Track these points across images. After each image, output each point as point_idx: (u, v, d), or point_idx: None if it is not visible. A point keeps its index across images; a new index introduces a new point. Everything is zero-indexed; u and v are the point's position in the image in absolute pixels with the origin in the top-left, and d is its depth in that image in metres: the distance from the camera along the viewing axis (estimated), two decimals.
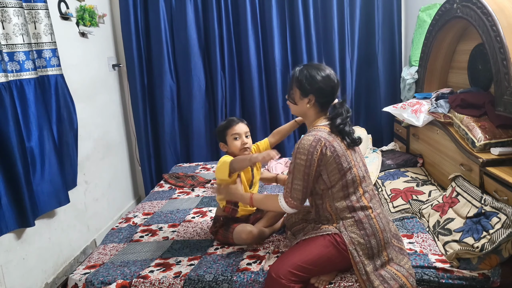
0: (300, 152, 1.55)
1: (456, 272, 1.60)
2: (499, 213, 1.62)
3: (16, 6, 2.05)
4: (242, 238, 1.85)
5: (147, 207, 2.48)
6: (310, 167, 1.54)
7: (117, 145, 3.38)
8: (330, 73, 1.62)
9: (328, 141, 1.54)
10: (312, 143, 1.53)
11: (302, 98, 1.64)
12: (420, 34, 2.90)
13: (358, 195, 1.60)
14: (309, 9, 3.29)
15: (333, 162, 1.54)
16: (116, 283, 1.65)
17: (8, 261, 2.02)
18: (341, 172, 1.56)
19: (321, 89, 1.60)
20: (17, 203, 1.99)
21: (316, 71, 1.61)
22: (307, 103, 1.63)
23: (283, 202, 1.61)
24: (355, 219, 1.57)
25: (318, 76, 1.59)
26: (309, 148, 1.53)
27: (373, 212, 1.60)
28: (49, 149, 2.20)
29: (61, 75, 2.38)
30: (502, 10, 1.82)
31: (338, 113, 1.61)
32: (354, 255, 1.54)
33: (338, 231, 1.58)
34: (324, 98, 1.62)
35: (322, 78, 1.60)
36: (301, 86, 1.62)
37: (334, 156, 1.54)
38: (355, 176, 1.59)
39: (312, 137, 1.55)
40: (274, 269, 1.54)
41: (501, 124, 1.95)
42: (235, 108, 3.47)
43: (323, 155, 1.53)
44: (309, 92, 1.61)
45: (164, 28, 3.32)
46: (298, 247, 1.62)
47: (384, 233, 1.59)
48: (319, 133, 1.57)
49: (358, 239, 1.55)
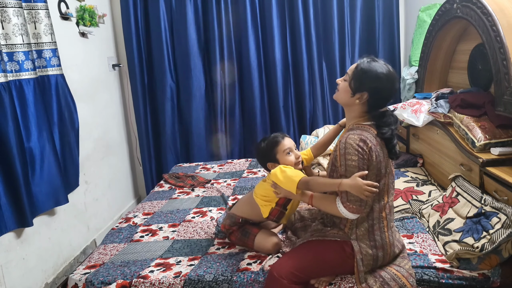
0: (350, 153, 1.44)
1: (456, 272, 1.60)
2: (499, 213, 1.62)
3: (16, 6, 2.05)
4: (266, 247, 1.75)
5: (147, 207, 2.48)
6: (364, 165, 1.44)
7: (117, 145, 3.38)
8: (395, 80, 1.49)
9: (373, 144, 1.45)
10: (360, 143, 1.43)
11: (355, 91, 1.50)
12: (420, 34, 2.90)
13: (381, 205, 1.53)
14: (309, 9, 3.29)
15: (375, 167, 1.46)
16: (116, 283, 1.65)
17: (8, 261, 2.02)
18: (377, 177, 1.48)
19: (379, 90, 1.48)
20: (16, 203, 1.99)
21: (385, 74, 1.48)
22: (357, 98, 1.50)
23: (342, 208, 1.47)
24: (369, 229, 1.53)
25: (383, 78, 1.47)
26: (358, 148, 1.43)
27: (388, 224, 1.56)
28: (48, 149, 2.19)
29: (61, 75, 2.38)
30: (502, 10, 1.82)
31: (387, 123, 1.49)
32: (359, 264, 1.52)
33: (349, 239, 1.54)
34: (377, 100, 1.51)
35: (386, 82, 1.47)
36: (359, 78, 1.48)
37: (377, 161, 1.46)
38: (385, 185, 1.52)
39: (357, 136, 1.45)
40: (276, 269, 1.53)
41: (501, 124, 1.94)
42: (234, 108, 3.47)
43: (371, 156, 1.45)
44: (364, 89, 1.49)
45: (164, 28, 3.32)
46: (303, 249, 1.60)
47: (392, 247, 1.57)
48: (365, 133, 1.47)
49: (367, 249, 1.53)
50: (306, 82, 3.42)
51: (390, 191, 1.57)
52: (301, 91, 3.46)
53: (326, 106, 3.50)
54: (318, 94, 3.44)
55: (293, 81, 3.45)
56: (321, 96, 3.46)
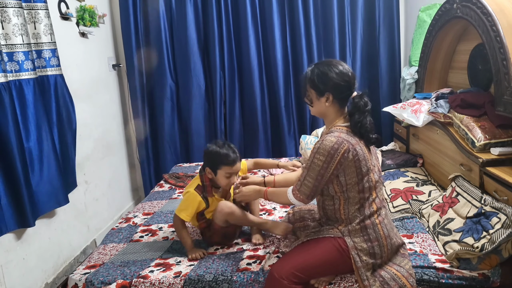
0: (320, 153, 1.50)
1: (456, 272, 1.60)
2: (499, 213, 1.62)
3: (16, 6, 2.05)
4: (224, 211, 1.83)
5: (147, 207, 2.48)
6: (326, 169, 1.50)
7: (117, 145, 3.38)
8: (343, 67, 1.56)
9: (351, 144, 1.50)
10: (334, 145, 1.48)
11: (319, 98, 1.58)
12: (420, 34, 2.90)
13: (370, 200, 1.57)
14: (309, 9, 3.29)
15: (353, 166, 1.51)
16: (116, 283, 1.65)
17: (8, 261, 2.02)
18: (358, 176, 1.52)
19: (336, 85, 1.54)
20: (17, 204, 1.99)
21: (327, 67, 1.55)
22: (325, 102, 1.57)
23: (291, 193, 1.60)
24: (361, 224, 1.55)
25: (330, 72, 1.54)
26: (330, 150, 1.48)
27: (378, 217, 1.57)
28: (48, 149, 2.19)
29: (60, 75, 2.38)
30: (502, 10, 1.82)
31: (356, 106, 1.55)
32: (356, 260, 1.53)
33: (342, 235, 1.56)
34: (341, 93, 1.56)
35: (335, 74, 1.54)
36: (315, 86, 1.57)
37: (355, 160, 1.50)
38: (371, 181, 1.56)
39: (335, 138, 1.50)
40: (276, 270, 1.54)
41: (501, 124, 1.95)
42: (234, 108, 3.46)
43: (345, 159, 1.49)
44: (324, 91, 1.55)
45: (163, 28, 3.32)
46: (302, 249, 1.61)
47: (388, 239, 1.57)
48: (342, 134, 1.52)
49: (361, 244, 1.54)
50: None
51: (378, 186, 1.60)
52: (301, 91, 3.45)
53: None
54: None
55: (293, 81, 3.45)
56: None
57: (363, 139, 1.56)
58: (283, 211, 2.24)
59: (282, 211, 2.25)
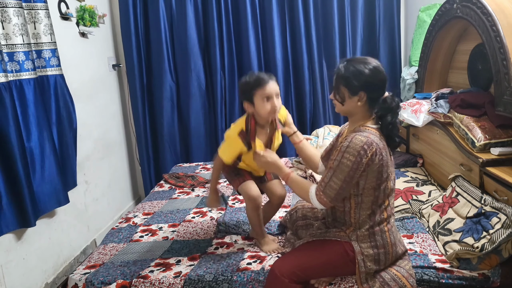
0: (350, 152, 1.42)
1: (456, 272, 1.60)
2: (499, 213, 1.62)
3: (16, 6, 2.05)
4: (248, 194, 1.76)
5: (147, 207, 2.48)
6: (356, 170, 1.43)
7: (117, 145, 3.38)
8: (378, 65, 1.48)
9: (379, 148, 1.44)
10: (364, 146, 1.41)
11: (351, 97, 1.49)
12: (420, 34, 2.90)
13: (382, 208, 1.54)
14: (309, 9, 3.29)
15: (376, 170, 1.45)
16: (116, 283, 1.65)
17: (8, 261, 2.02)
18: (378, 181, 1.48)
19: (372, 84, 1.46)
20: (18, 203, 1.99)
21: (362, 65, 1.46)
22: (357, 101, 1.48)
23: (313, 194, 1.50)
24: (370, 230, 1.53)
25: (366, 70, 1.45)
26: (360, 150, 1.41)
27: (387, 225, 1.56)
28: (48, 149, 2.20)
29: (60, 75, 2.38)
30: (502, 10, 1.82)
31: (389, 108, 1.48)
32: (360, 265, 1.52)
33: (350, 240, 1.54)
34: (375, 93, 1.48)
35: (370, 72, 1.45)
36: (349, 84, 1.47)
37: (379, 165, 1.45)
38: (388, 188, 1.52)
39: (365, 138, 1.43)
40: (278, 267, 1.53)
41: (501, 124, 1.95)
42: (234, 108, 3.46)
43: (372, 161, 1.43)
44: (359, 89, 1.47)
45: (164, 28, 3.32)
46: (306, 248, 1.60)
47: (394, 246, 1.56)
48: (371, 136, 1.45)
49: (368, 249, 1.53)
50: (307, 82, 3.42)
51: (391, 194, 1.57)
52: (301, 91, 3.45)
53: (326, 106, 3.49)
54: (319, 94, 3.44)
55: (293, 81, 3.45)
56: (322, 96, 3.45)
57: (389, 141, 1.51)
58: (283, 211, 2.24)
59: (282, 211, 2.24)
